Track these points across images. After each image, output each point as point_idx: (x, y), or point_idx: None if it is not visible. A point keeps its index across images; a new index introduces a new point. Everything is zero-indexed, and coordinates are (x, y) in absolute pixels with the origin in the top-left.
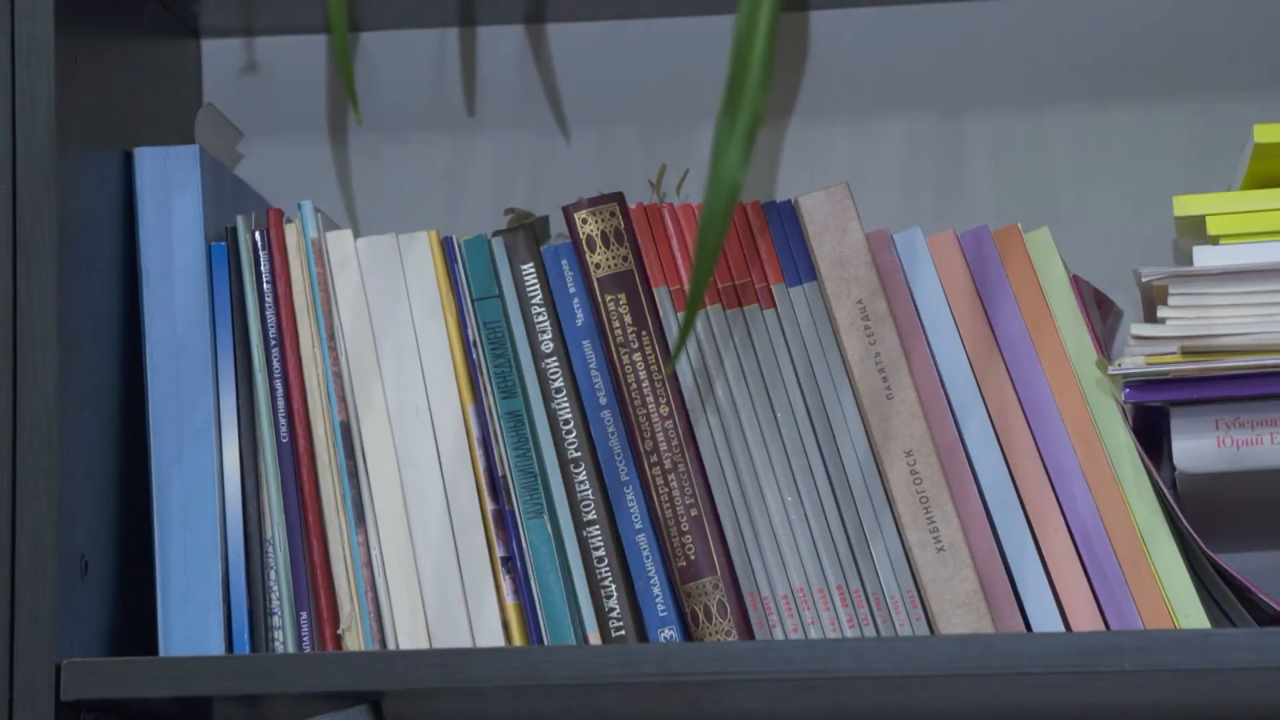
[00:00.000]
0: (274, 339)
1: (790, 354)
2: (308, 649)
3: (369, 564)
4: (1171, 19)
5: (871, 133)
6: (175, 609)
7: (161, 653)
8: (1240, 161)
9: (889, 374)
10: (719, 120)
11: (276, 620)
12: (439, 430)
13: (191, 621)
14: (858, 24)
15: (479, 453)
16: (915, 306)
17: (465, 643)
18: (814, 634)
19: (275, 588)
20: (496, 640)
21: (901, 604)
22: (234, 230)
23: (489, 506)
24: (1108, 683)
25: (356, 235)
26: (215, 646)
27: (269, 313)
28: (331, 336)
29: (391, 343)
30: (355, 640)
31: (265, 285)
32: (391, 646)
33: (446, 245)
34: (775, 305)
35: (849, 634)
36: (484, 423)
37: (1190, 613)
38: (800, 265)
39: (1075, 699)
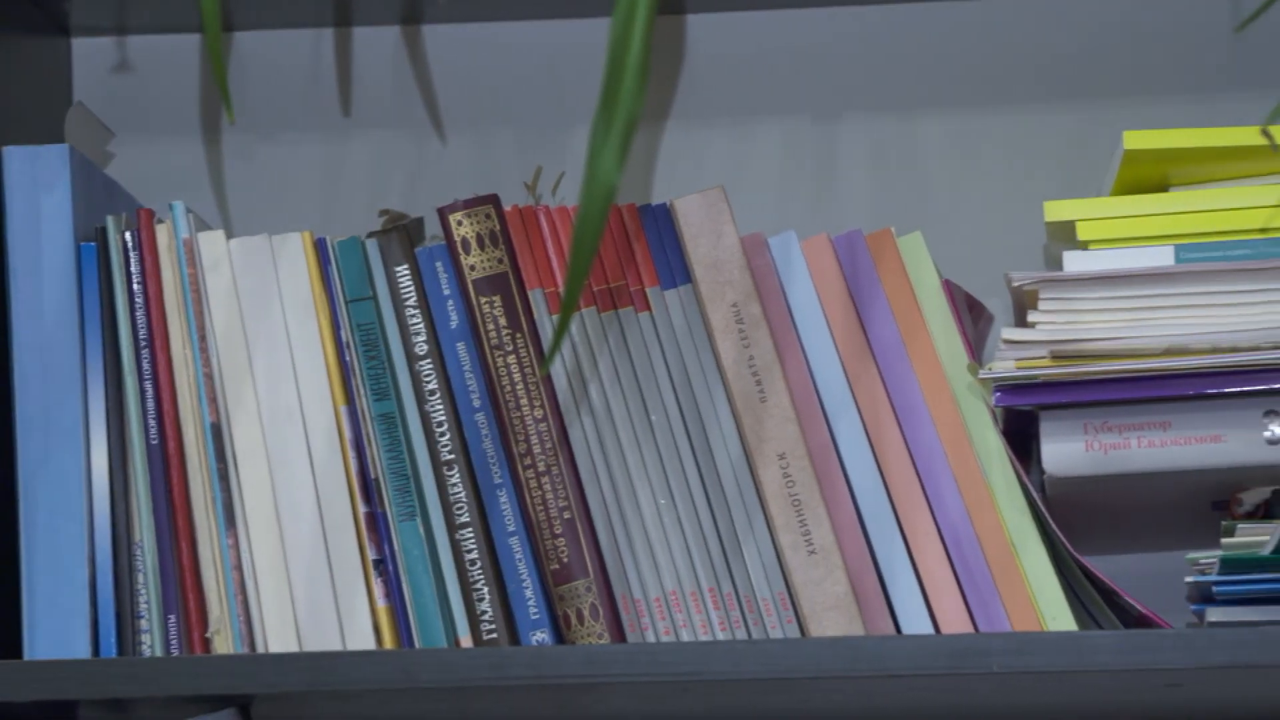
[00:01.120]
0: (144, 340)
1: (664, 357)
2: (176, 652)
3: (239, 567)
4: (1043, 26)
5: (746, 136)
6: (41, 612)
7: (26, 656)
8: (1110, 167)
9: (762, 377)
10: (594, 123)
11: (144, 623)
12: (311, 432)
13: (57, 625)
14: (733, 28)
15: (351, 455)
16: (789, 310)
17: (336, 645)
18: (686, 636)
19: (143, 591)
20: (367, 643)
21: (773, 606)
22: (104, 230)
23: (361, 509)
24: (976, 684)
25: (229, 236)
26: (82, 650)
27: (139, 313)
28: (203, 338)
29: (264, 344)
30: (224, 643)
31: (135, 286)
32: (261, 649)
33: (320, 246)
34: (650, 308)
35: (721, 636)
36: (356, 425)
37: (1057, 615)
38: (675, 268)
39: (944, 700)
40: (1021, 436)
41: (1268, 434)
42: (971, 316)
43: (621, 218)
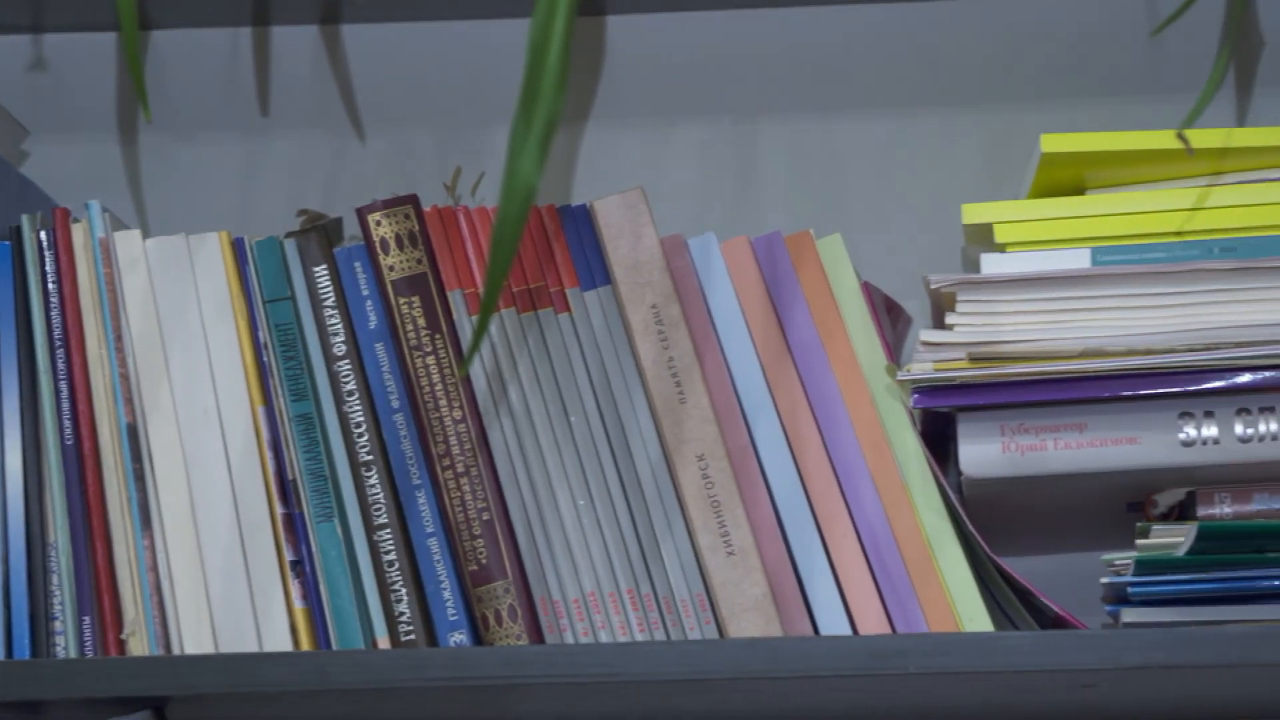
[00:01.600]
0: (59, 340)
1: (584, 358)
2: (91, 654)
3: (154, 568)
4: (961, 30)
5: (666, 138)
6: None
7: None
8: (1027, 171)
9: (682, 379)
10: (514, 123)
11: (59, 625)
12: (228, 433)
13: None
14: (654, 29)
15: (269, 455)
16: (708, 312)
17: (252, 647)
18: (604, 638)
19: (58, 592)
20: (284, 644)
21: (691, 607)
22: (18, 230)
23: (278, 510)
24: (894, 685)
25: (145, 235)
26: None
27: (54, 313)
28: (119, 338)
29: (180, 344)
30: (139, 645)
31: (50, 285)
32: (177, 651)
33: (238, 246)
34: (569, 309)
35: (639, 637)
36: (274, 425)
37: (974, 616)
38: (595, 269)
39: (862, 701)
40: (939, 438)
41: (1182, 436)
42: (890, 318)
43: (541, 219)
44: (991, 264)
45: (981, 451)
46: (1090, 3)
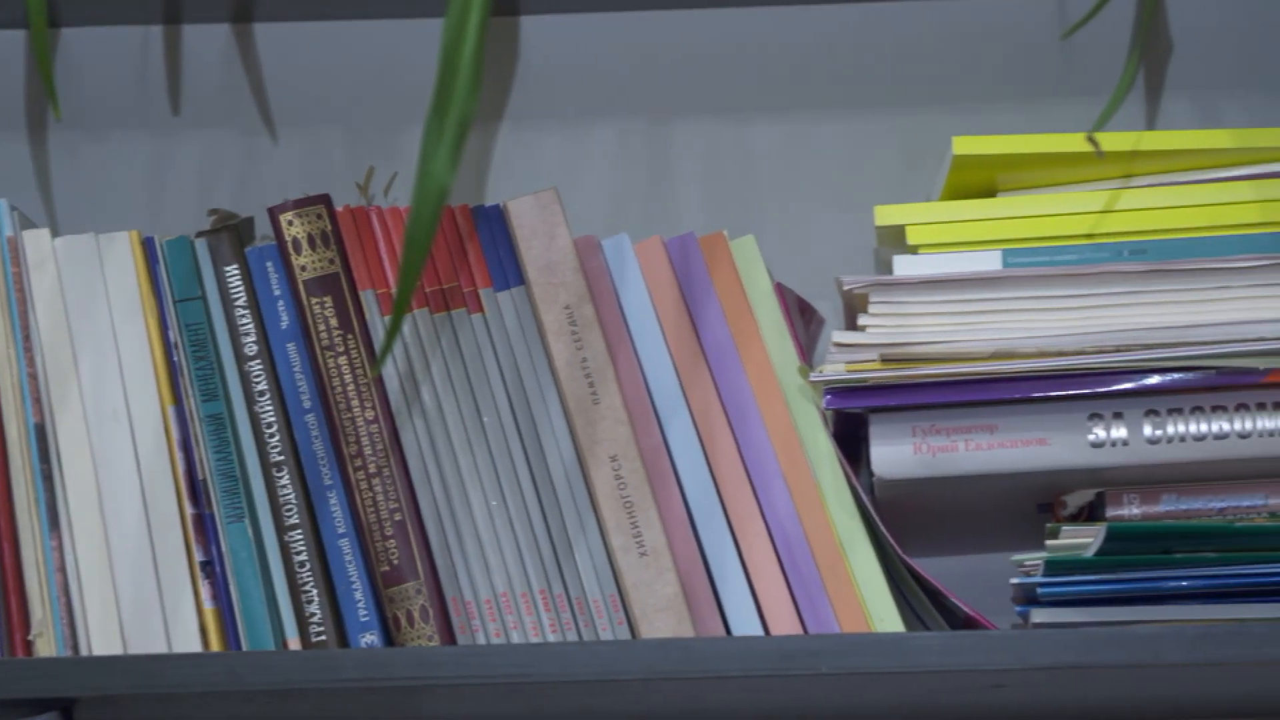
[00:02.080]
0: None
1: (497, 359)
2: None
3: (62, 569)
4: (875, 32)
5: (581, 139)
6: None
7: None
8: (939, 173)
9: (595, 379)
10: (427, 123)
11: None
12: (138, 433)
13: None
14: (568, 30)
15: (179, 455)
16: (622, 312)
17: (161, 648)
18: (516, 638)
19: None
20: (194, 645)
21: (604, 608)
22: None
23: (188, 510)
24: (805, 685)
25: (54, 235)
26: None
27: None
28: (27, 337)
29: (90, 344)
30: (47, 646)
31: None
32: (85, 652)
33: (148, 245)
34: (483, 310)
35: (551, 638)
36: (185, 425)
37: (886, 616)
38: (508, 270)
39: (774, 701)
40: (852, 439)
41: (1092, 437)
42: (803, 319)
43: (454, 219)
44: (903, 265)
45: (893, 452)
46: (1002, 6)
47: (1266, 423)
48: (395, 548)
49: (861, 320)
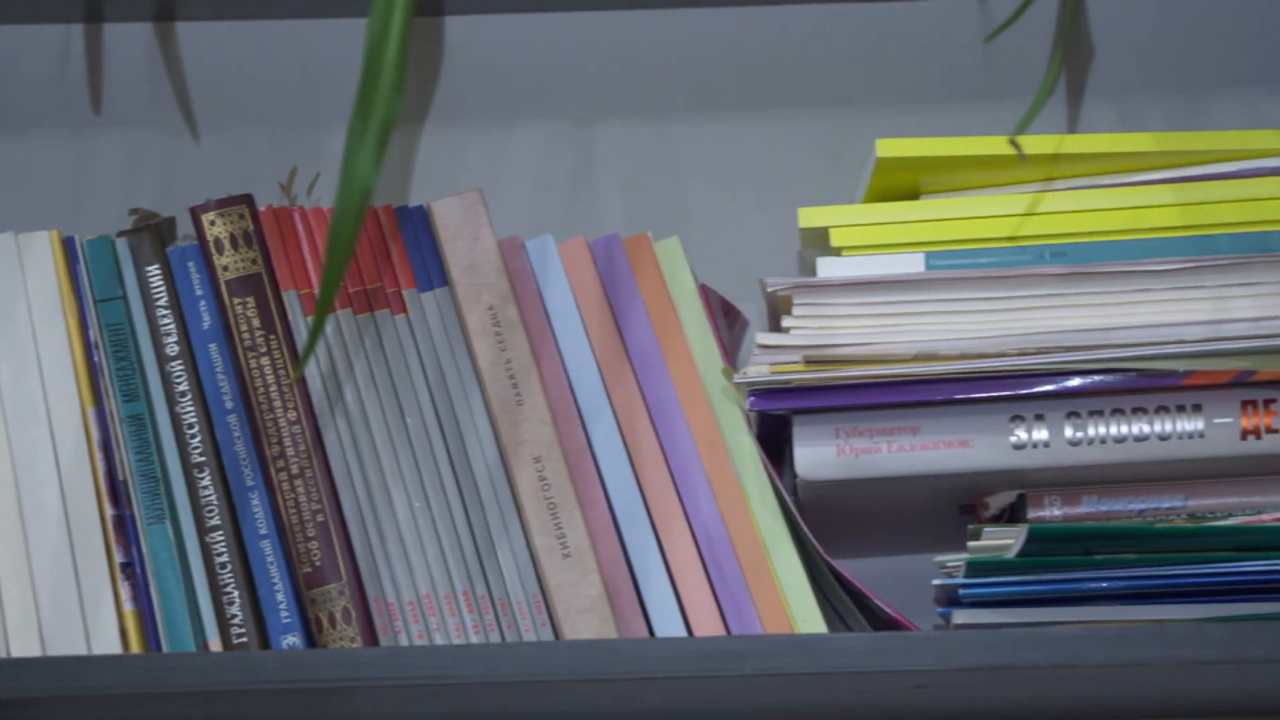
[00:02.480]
0: None
1: (420, 359)
2: None
3: None
4: (799, 34)
5: (504, 140)
6: None
7: None
8: (862, 175)
9: (519, 380)
10: (351, 124)
11: None
12: (57, 434)
13: None
14: (492, 31)
15: (99, 456)
16: (546, 313)
17: (81, 650)
18: (439, 640)
19: None
20: (113, 647)
21: (527, 609)
22: None
23: (108, 511)
24: (728, 686)
25: None
26: None
27: None
28: None
29: (8, 344)
30: None
31: None
32: (3, 654)
33: (68, 245)
34: (406, 310)
35: (474, 639)
36: (105, 426)
37: (809, 618)
38: (432, 271)
39: (697, 702)
40: (775, 440)
41: (1013, 439)
42: (727, 321)
43: (378, 219)
44: (827, 267)
45: (816, 454)
46: (925, 9)
47: (1186, 425)
48: (317, 549)
49: (785, 322)
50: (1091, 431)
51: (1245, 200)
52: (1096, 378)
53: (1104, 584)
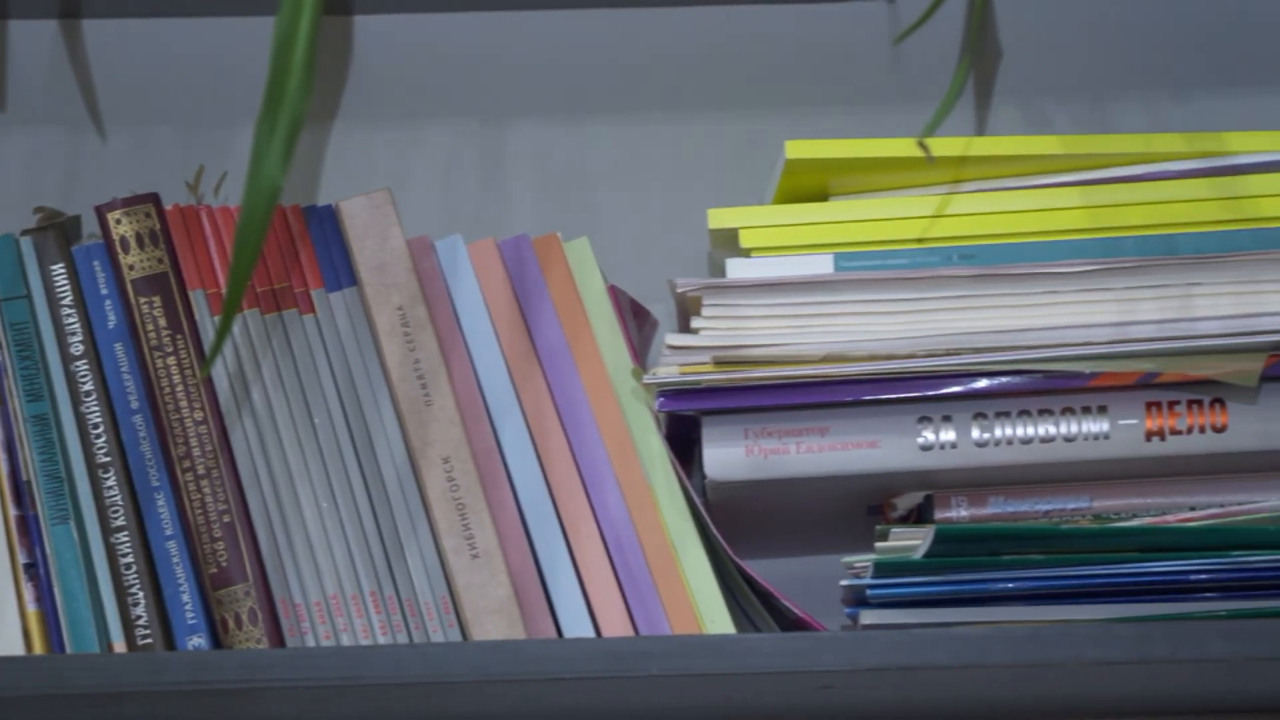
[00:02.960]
0: None
1: (329, 360)
2: None
3: None
4: (709, 36)
5: (414, 140)
6: None
7: None
8: (772, 176)
9: (428, 381)
10: (259, 123)
11: None
12: None
13: None
14: (402, 30)
15: (2, 457)
16: (455, 314)
17: None
18: (346, 641)
19: None
20: (16, 648)
21: (435, 610)
22: None
23: (11, 511)
24: (636, 687)
25: None
26: None
27: None
28: None
29: None
30: None
31: None
32: None
33: None
34: (314, 310)
35: (382, 640)
36: (9, 426)
37: (716, 619)
38: (341, 270)
39: (605, 702)
40: (684, 441)
41: (921, 440)
42: (636, 322)
43: (286, 219)
44: (736, 268)
45: (725, 455)
46: (834, 11)
47: (1091, 426)
48: (224, 549)
49: (695, 323)
50: (998, 433)
51: (1150, 203)
52: (1003, 379)
53: (1010, 585)
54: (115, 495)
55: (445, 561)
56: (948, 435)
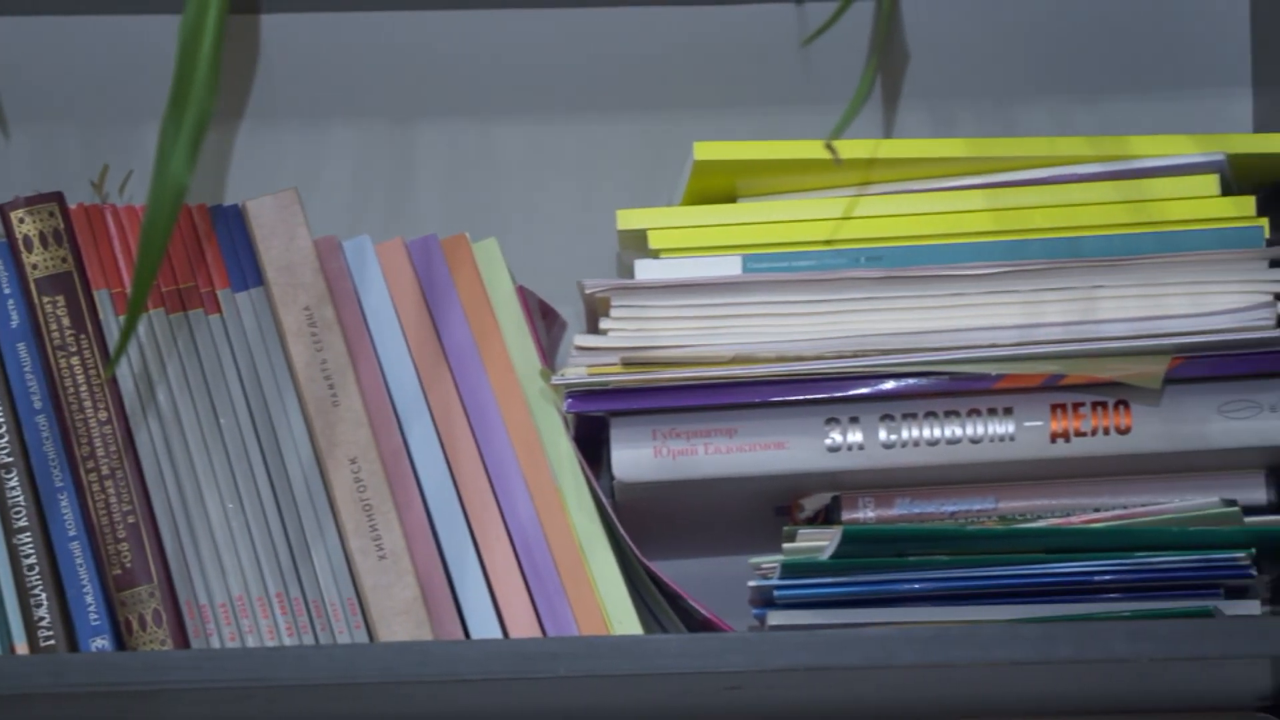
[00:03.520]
0: None
1: (235, 360)
2: None
3: None
4: (617, 37)
5: (321, 139)
6: None
7: None
8: (681, 178)
9: (335, 381)
10: (164, 121)
11: None
12: None
13: None
14: (309, 29)
15: None
16: (363, 314)
17: None
18: (252, 642)
19: None
20: None
21: (342, 611)
22: None
23: None
24: (544, 687)
25: None
26: None
27: None
28: None
29: None
30: None
31: None
32: None
33: None
34: (220, 310)
35: (288, 642)
36: None
37: (624, 619)
38: (247, 270)
39: (513, 703)
40: (593, 442)
41: (829, 441)
42: (545, 323)
43: (192, 218)
44: (645, 270)
45: (633, 456)
46: (743, 13)
47: (997, 428)
48: (128, 550)
49: (603, 324)
50: (905, 434)
51: (1056, 206)
52: (910, 381)
53: (917, 585)
54: (18, 496)
55: (352, 562)
56: (855, 436)
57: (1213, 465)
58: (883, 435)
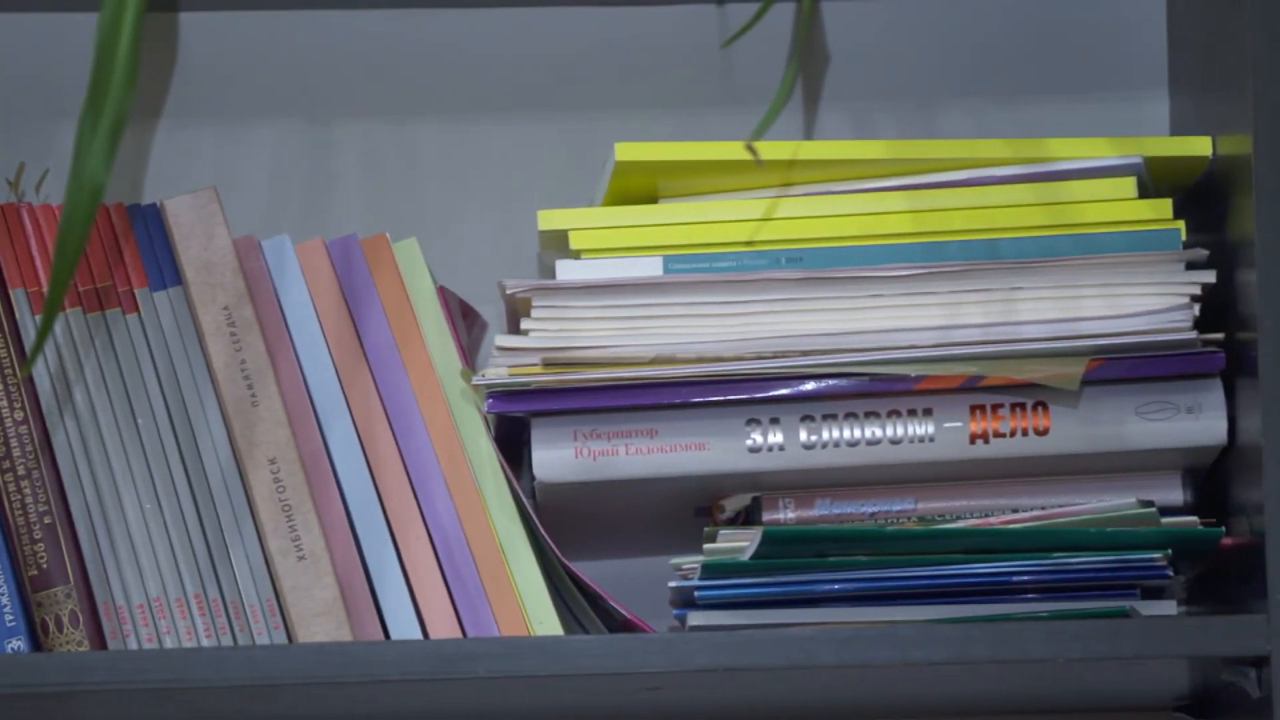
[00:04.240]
0: None
1: (153, 359)
2: None
3: None
4: (538, 35)
5: (240, 138)
6: None
7: None
8: (602, 178)
9: (254, 381)
10: (81, 119)
11: None
12: None
13: None
14: (228, 28)
15: None
16: (282, 314)
17: None
18: (170, 643)
19: None
20: None
21: (260, 612)
22: None
23: None
24: (464, 688)
25: None
26: None
27: None
28: None
29: None
30: None
31: None
32: None
33: None
34: (138, 309)
35: (206, 643)
36: None
37: (545, 620)
38: (165, 270)
39: (433, 704)
40: (514, 443)
41: (749, 442)
42: (466, 323)
43: (109, 217)
44: (566, 270)
45: (554, 456)
46: (664, 14)
47: (916, 429)
48: (44, 551)
49: (524, 324)
50: (825, 435)
51: (974, 208)
52: (830, 382)
53: (836, 586)
54: None
55: (271, 563)
56: (775, 437)
57: (1130, 466)
58: (803, 436)
